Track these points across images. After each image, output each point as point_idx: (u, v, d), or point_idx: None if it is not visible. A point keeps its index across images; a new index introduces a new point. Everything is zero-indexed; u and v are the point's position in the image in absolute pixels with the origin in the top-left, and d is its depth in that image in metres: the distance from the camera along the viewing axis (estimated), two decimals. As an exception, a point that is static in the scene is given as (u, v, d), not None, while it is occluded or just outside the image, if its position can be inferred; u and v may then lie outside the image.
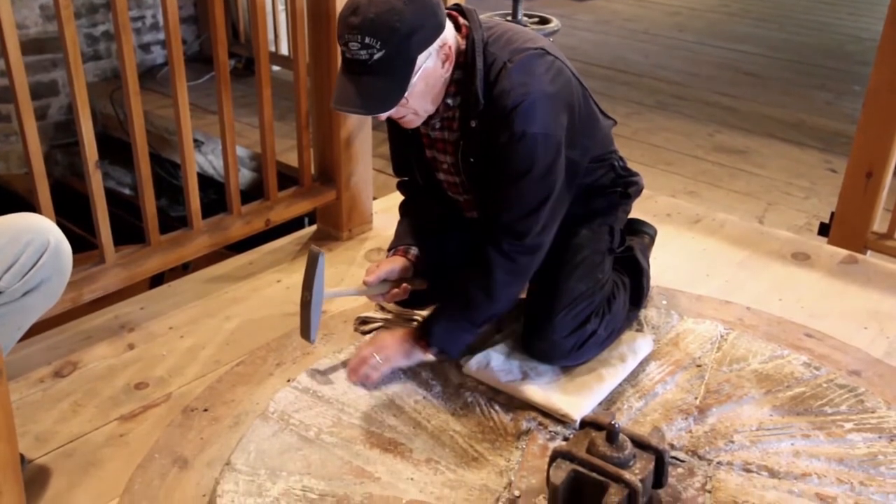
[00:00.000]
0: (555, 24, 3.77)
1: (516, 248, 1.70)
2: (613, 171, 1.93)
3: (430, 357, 1.77)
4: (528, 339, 1.82)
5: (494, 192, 1.71)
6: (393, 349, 1.76)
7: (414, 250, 1.87)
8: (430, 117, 1.72)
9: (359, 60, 1.53)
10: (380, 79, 1.54)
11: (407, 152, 1.89)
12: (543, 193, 1.68)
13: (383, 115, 1.62)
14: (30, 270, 1.41)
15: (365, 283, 1.80)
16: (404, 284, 1.83)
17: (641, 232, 2.13)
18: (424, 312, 1.91)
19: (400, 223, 1.98)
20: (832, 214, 2.58)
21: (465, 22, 1.68)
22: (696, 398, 1.75)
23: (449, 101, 1.69)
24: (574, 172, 1.75)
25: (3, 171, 4.39)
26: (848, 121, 4.06)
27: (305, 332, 1.76)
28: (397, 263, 1.84)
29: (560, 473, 1.36)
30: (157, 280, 2.40)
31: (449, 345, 1.77)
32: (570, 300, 1.76)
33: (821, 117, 4.26)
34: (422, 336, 1.75)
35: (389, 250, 1.92)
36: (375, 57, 1.51)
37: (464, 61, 1.65)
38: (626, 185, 1.95)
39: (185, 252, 2.16)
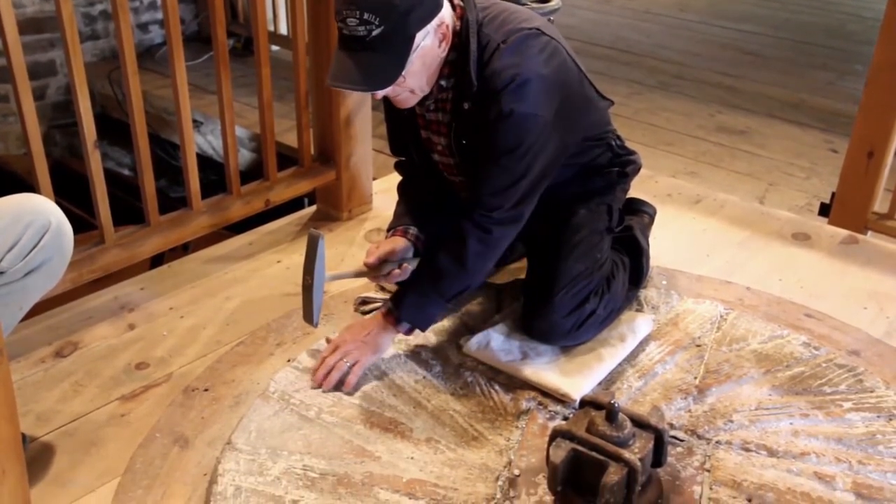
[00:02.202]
0: (555, 2, 3.74)
1: (489, 219, 1.69)
2: (610, 150, 1.92)
3: (399, 335, 1.75)
4: (527, 319, 1.82)
5: (478, 168, 1.71)
6: (359, 348, 1.71)
7: (413, 230, 1.87)
8: (425, 98, 1.71)
9: (356, 37, 1.52)
10: (377, 55, 1.53)
11: (403, 133, 1.89)
12: (522, 171, 1.67)
13: (380, 94, 1.61)
14: (31, 251, 1.41)
15: (365, 264, 1.80)
16: (405, 265, 1.82)
17: (641, 212, 2.13)
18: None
19: (398, 203, 1.98)
20: (833, 195, 2.57)
21: (460, 2, 1.67)
22: (695, 378, 1.76)
23: (443, 82, 1.68)
24: (562, 153, 1.75)
25: (1, 152, 4.38)
26: (849, 101, 4.04)
27: (308, 315, 1.75)
28: (397, 244, 1.83)
29: (560, 452, 1.36)
30: (157, 260, 2.40)
31: (418, 319, 1.74)
32: (569, 280, 1.76)
33: (822, 97, 4.25)
34: (390, 311, 1.73)
35: (388, 230, 1.92)
36: (374, 33, 1.50)
37: (458, 42, 1.64)
38: (623, 165, 1.95)
39: (185, 232, 2.15)
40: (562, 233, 1.81)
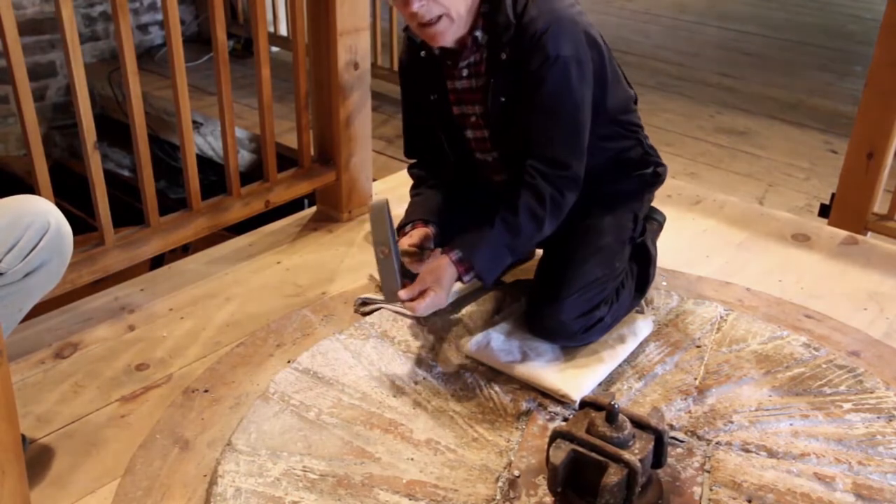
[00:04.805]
0: (555, 4, 3.74)
1: (563, 181, 1.72)
2: (641, 146, 1.93)
3: (463, 282, 1.72)
4: (534, 315, 1.81)
5: (531, 125, 1.72)
6: (447, 290, 1.68)
7: (432, 226, 1.85)
8: (458, 59, 1.74)
9: None
10: None
11: (431, 116, 1.87)
12: (580, 119, 1.71)
13: (415, 6, 1.59)
14: (31, 252, 1.41)
15: (411, 245, 1.77)
16: (438, 249, 1.80)
17: (651, 218, 2.12)
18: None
19: (411, 202, 1.95)
20: (832, 195, 2.57)
21: None
22: (695, 379, 1.76)
23: (477, 34, 1.71)
24: (596, 113, 1.77)
25: (1, 153, 4.38)
26: (849, 101, 4.04)
27: (392, 288, 1.65)
28: (422, 233, 1.82)
29: (560, 453, 1.37)
30: (156, 262, 2.40)
31: (490, 272, 1.72)
32: (585, 283, 1.76)
33: (822, 98, 4.25)
34: (463, 260, 1.69)
35: (403, 227, 1.87)
36: None
37: None
38: (656, 165, 1.95)
39: (185, 234, 2.15)
40: (585, 235, 1.80)
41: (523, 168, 1.73)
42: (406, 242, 1.78)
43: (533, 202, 1.71)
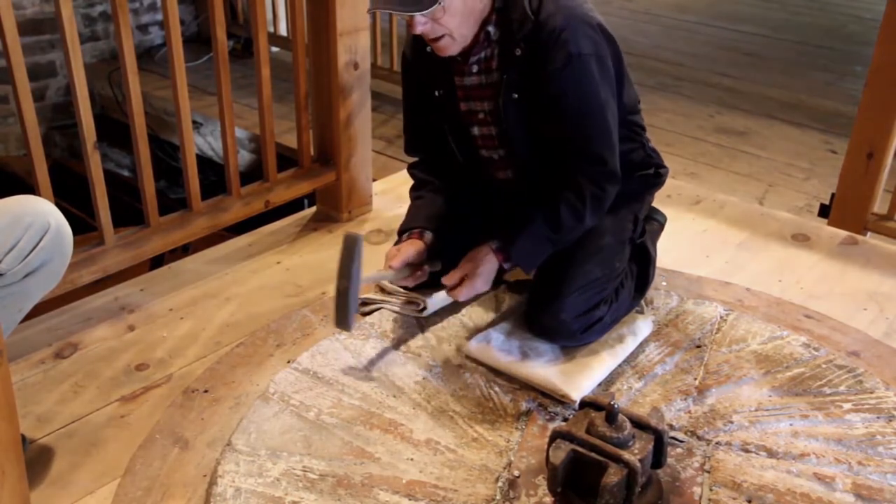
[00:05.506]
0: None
1: (602, 176, 1.75)
2: (644, 149, 1.93)
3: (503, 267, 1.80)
4: (534, 314, 1.81)
5: (561, 126, 1.73)
6: (485, 277, 1.78)
7: (428, 234, 1.86)
8: (467, 56, 1.73)
9: None
10: None
11: (436, 112, 1.87)
12: (607, 115, 1.72)
13: (418, 28, 1.63)
14: (30, 253, 1.41)
15: (390, 267, 1.79)
16: (425, 266, 1.82)
17: (651, 219, 2.12)
18: (427, 299, 1.91)
19: (412, 206, 1.96)
20: (832, 196, 2.58)
21: None
22: (695, 379, 1.76)
23: (490, 28, 1.71)
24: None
25: (1, 153, 4.38)
26: (849, 102, 4.04)
27: (343, 320, 1.70)
28: (415, 247, 1.83)
29: (559, 453, 1.37)
30: (156, 262, 2.40)
31: (527, 262, 1.80)
32: (584, 283, 1.76)
33: (822, 98, 4.25)
34: (502, 250, 1.77)
35: (403, 233, 1.89)
36: None
37: None
38: (657, 167, 1.96)
39: (185, 234, 2.15)
40: (586, 234, 1.81)
41: (564, 168, 1.76)
42: (393, 263, 1.79)
43: (572, 197, 1.75)
